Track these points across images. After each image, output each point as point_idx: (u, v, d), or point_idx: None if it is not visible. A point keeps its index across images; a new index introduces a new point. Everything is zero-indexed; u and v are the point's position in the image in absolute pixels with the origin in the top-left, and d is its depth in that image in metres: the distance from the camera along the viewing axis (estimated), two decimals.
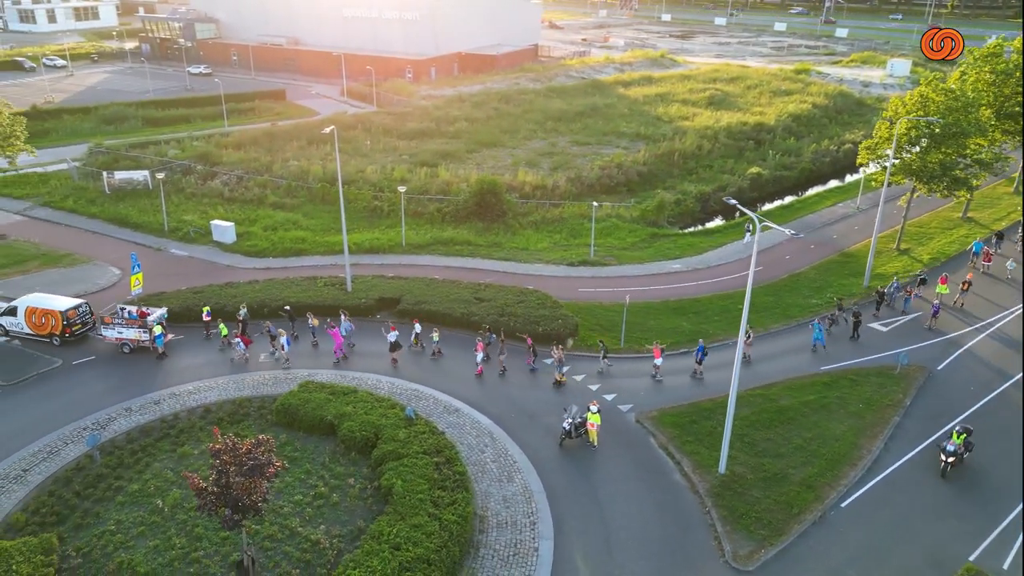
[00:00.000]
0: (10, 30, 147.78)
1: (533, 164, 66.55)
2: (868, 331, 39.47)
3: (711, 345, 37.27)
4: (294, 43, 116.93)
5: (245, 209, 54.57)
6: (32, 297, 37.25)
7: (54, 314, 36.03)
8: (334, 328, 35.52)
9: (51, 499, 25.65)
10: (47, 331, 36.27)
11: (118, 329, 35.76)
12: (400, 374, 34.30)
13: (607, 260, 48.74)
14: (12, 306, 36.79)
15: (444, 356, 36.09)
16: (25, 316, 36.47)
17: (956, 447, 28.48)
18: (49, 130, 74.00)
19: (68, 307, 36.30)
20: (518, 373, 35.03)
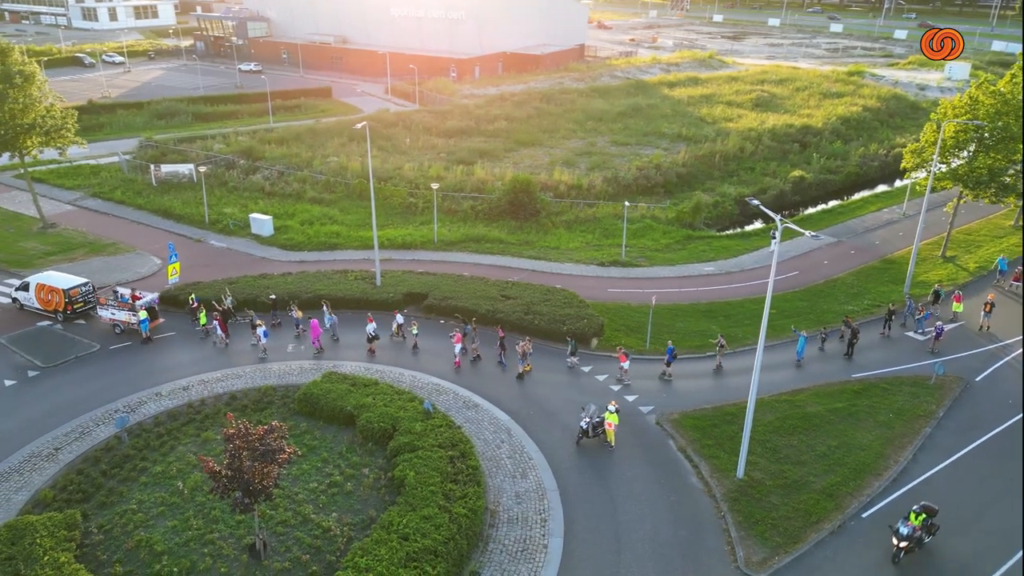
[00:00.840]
0: (73, 27, 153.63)
1: (570, 164, 66.44)
2: (905, 340, 38.38)
3: (739, 349, 36.77)
4: (342, 41, 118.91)
5: (284, 203, 55.75)
6: (43, 275, 39.42)
7: (58, 291, 37.94)
8: (313, 321, 36.07)
9: (79, 477, 26.60)
10: (53, 307, 38.23)
11: (111, 310, 37.25)
12: (424, 368, 34.58)
13: (639, 261, 48.35)
14: (25, 282, 39.16)
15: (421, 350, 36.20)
16: (35, 292, 38.57)
17: (912, 530, 23.92)
18: (103, 124, 76.81)
19: (71, 286, 38.12)
20: (537, 372, 35.03)
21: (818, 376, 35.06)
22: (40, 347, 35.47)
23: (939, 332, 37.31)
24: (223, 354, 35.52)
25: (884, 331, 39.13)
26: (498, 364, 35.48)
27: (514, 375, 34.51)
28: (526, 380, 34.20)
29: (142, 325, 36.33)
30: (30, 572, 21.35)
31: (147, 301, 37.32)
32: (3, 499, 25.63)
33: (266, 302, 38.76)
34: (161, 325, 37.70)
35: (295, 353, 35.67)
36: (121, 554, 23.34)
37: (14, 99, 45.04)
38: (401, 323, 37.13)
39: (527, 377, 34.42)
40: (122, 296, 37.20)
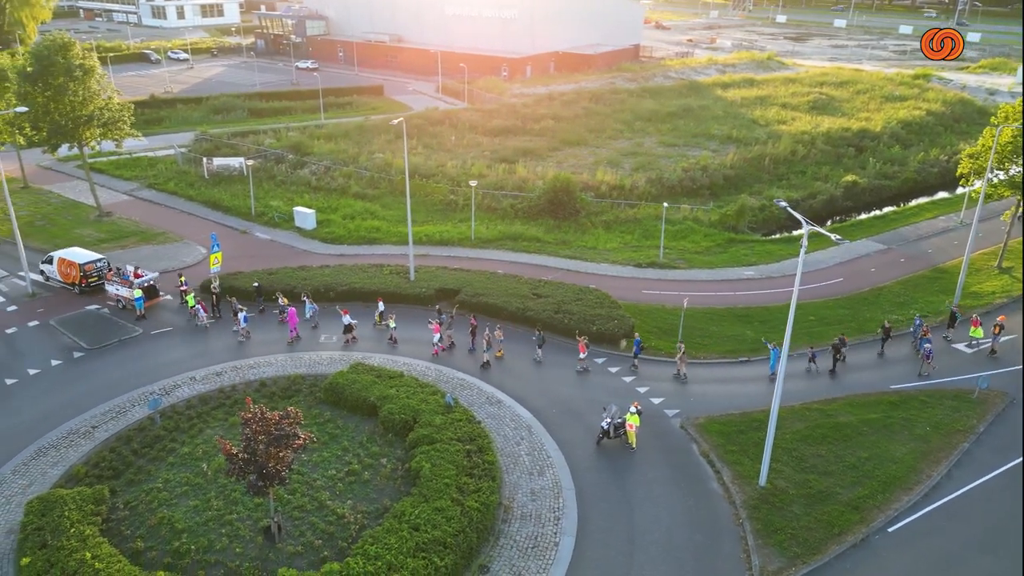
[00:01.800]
0: (143, 25, 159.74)
1: (615, 164, 65.97)
2: (950, 351, 36.89)
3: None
4: (397, 40, 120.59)
5: (329, 198, 56.88)
6: (65, 250, 42.10)
7: (75, 266, 40.50)
8: (291, 308, 37.04)
9: (111, 455, 27.68)
10: (71, 280, 40.86)
11: (116, 286, 39.42)
12: (450, 363, 34.83)
13: (677, 263, 47.69)
14: (50, 256, 41.99)
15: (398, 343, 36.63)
16: (57, 265, 41.24)
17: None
18: (163, 118, 79.69)
19: (87, 261, 40.77)
20: (522, 362, 34.94)
21: (853, 386, 34.02)
22: (86, 330, 37.03)
23: (928, 354, 34.73)
24: (276, 343, 36.38)
25: (880, 353, 36.98)
26: (469, 352, 35.93)
27: (542, 372, 34.47)
28: (551, 379, 34.13)
29: (137, 302, 38.21)
30: (56, 543, 22.30)
31: (144, 280, 39.28)
32: (40, 473, 26.85)
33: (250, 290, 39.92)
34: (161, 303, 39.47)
35: (326, 344, 36.36)
36: (144, 530, 24.20)
37: (74, 92, 47.11)
38: (382, 311, 37.79)
39: (552, 376, 34.34)
40: (124, 274, 39.40)
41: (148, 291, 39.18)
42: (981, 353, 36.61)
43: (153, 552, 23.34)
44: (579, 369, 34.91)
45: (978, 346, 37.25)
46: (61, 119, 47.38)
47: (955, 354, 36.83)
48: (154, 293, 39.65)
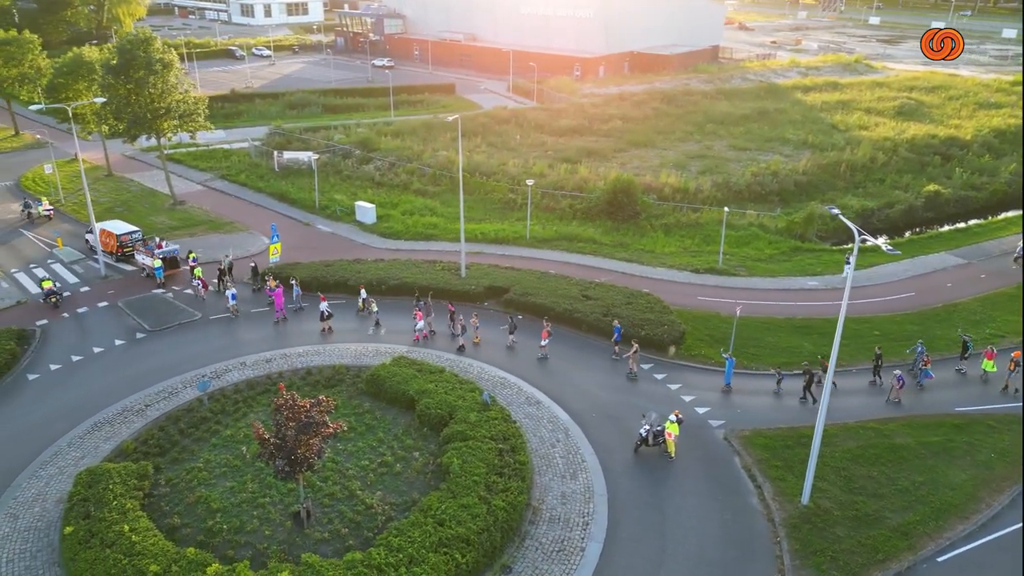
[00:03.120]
0: (232, 23, 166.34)
1: (681, 166, 64.60)
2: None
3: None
4: (471, 39, 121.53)
5: (391, 193, 57.76)
6: (106, 222, 46.03)
7: (112, 236, 44.61)
8: (277, 290, 38.33)
9: (159, 433, 28.80)
10: (109, 249, 44.92)
11: (142, 256, 43.31)
12: (492, 360, 34.75)
13: (737, 270, 46.28)
14: (92, 227, 45.30)
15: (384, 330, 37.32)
16: (99, 235, 44.70)
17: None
18: (242, 112, 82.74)
19: (123, 232, 44.84)
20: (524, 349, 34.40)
21: (913, 406, 32.23)
22: (149, 312, 38.71)
23: (900, 380, 32.28)
24: (306, 332, 37.21)
25: (875, 379, 34.37)
26: (451, 337, 36.48)
27: (580, 376, 34.02)
28: (594, 382, 33.61)
29: (156, 271, 41.67)
30: (98, 514, 23.32)
31: (165, 251, 42.61)
32: (93, 447, 28.17)
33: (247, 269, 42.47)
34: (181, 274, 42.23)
35: (374, 337, 36.84)
36: (182, 507, 25.06)
37: (153, 84, 49.40)
38: (365, 298, 38.57)
39: (595, 380, 33.80)
40: (149, 246, 43.20)
41: (168, 262, 42.48)
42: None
43: (188, 529, 24.14)
44: (540, 356, 35.16)
45: (987, 379, 34.23)
46: (140, 110, 49.75)
47: None
48: (174, 264, 42.93)
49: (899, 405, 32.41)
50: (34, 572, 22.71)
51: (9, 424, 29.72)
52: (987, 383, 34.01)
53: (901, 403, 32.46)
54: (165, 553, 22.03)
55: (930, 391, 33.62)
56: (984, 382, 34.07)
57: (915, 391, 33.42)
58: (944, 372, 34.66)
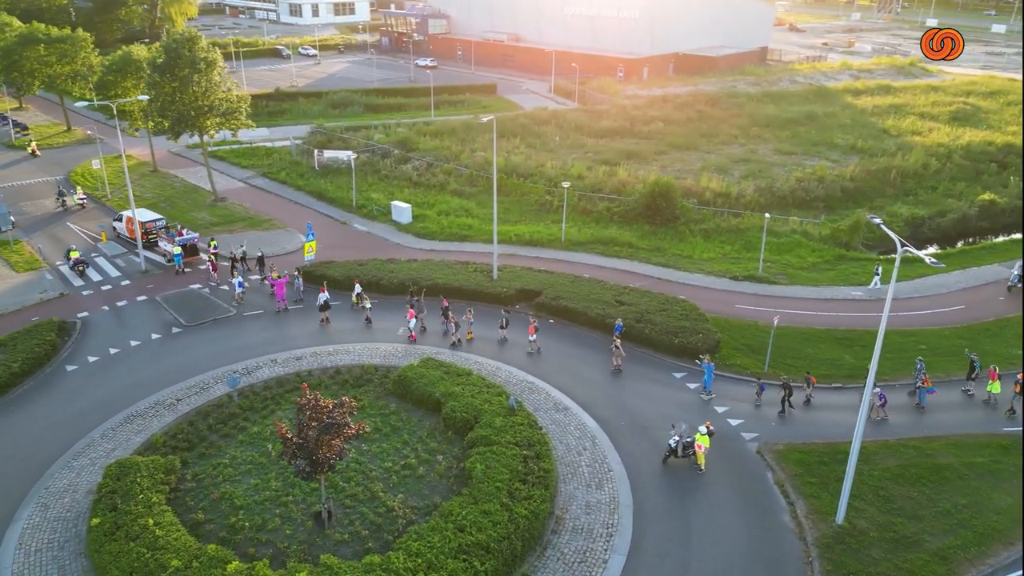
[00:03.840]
0: (280, 22, 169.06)
1: (723, 170, 63.35)
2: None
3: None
4: (515, 39, 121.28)
5: (427, 193, 57.77)
6: (132, 210, 46.46)
7: (138, 223, 45.54)
8: (280, 280, 39.25)
9: (189, 428, 29.10)
10: (134, 236, 46.05)
11: (164, 244, 45.23)
12: (522, 365, 34.35)
13: (777, 278, 45.07)
14: (120, 215, 48.67)
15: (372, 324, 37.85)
16: (125, 223, 47.41)
17: None
18: (285, 110, 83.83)
19: (147, 220, 46.77)
20: (488, 342, 33.80)
21: (959, 424, 30.91)
22: (186, 307, 39.27)
23: (882, 398, 31.07)
24: (357, 332, 37.26)
25: (968, 389, 33.35)
26: (444, 335, 36.57)
27: (614, 382, 33.43)
28: (623, 390, 32.98)
29: (176, 258, 43.54)
30: (124, 506, 23.58)
31: (185, 239, 44.43)
32: (124, 439, 28.57)
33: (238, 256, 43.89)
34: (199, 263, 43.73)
35: (404, 337, 36.73)
36: (206, 503, 25.23)
37: (197, 83, 50.22)
38: (359, 292, 39.03)
39: (624, 387, 33.16)
40: (170, 233, 45.41)
41: (188, 249, 44.38)
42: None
43: (211, 525, 24.29)
44: (530, 351, 35.25)
45: (996, 403, 32.57)
46: (184, 108, 50.65)
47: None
48: (193, 251, 44.86)
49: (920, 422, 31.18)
50: (61, 562, 23.06)
51: (47, 414, 30.35)
52: (994, 407, 32.41)
53: (887, 421, 31.20)
54: (187, 548, 22.16)
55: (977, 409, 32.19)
56: (991, 406, 32.47)
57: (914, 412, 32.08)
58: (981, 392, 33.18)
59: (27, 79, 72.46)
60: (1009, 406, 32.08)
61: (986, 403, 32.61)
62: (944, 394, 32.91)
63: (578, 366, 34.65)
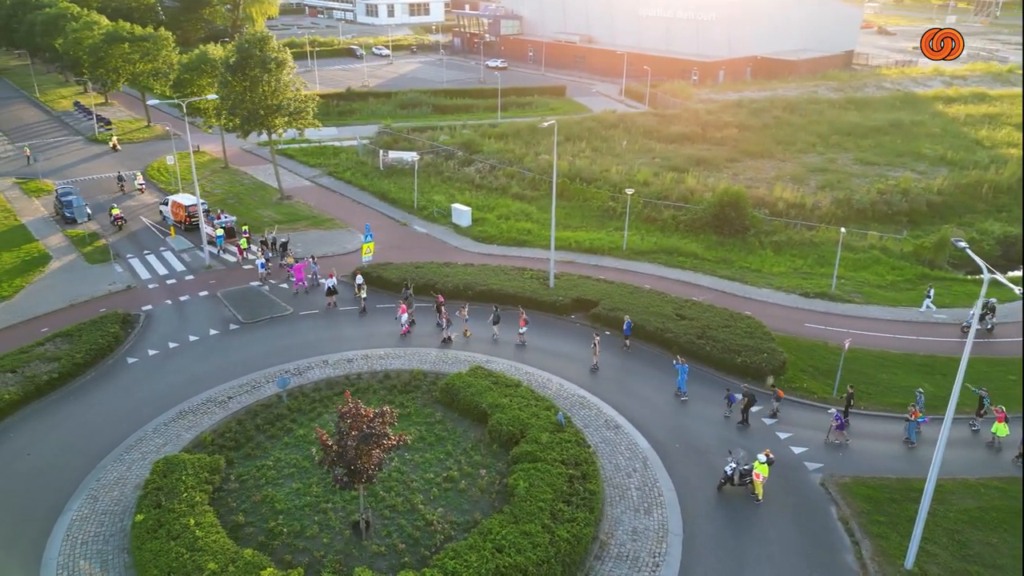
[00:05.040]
0: (357, 22, 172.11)
1: (799, 180, 60.65)
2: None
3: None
4: (587, 41, 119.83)
5: (489, 196, 57.20)
6: (177, 195, 51.76)
7: (182, 207, 49.66)
8: (297, 264, 41.80)
9: (237, 427, 29.15)
10: (179, 219, 50.16)
11: (207, 228, 47.10)
12: (573, 378, 33.28)
13: (852, 296, 42.59)
14: (167, 199, 52.38)
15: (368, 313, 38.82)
16: (171, 207, 51.08)
17: None
18: (355, 110, 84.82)
19: (190, 204, 49.56)
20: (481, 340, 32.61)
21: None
22: (244, 305, 39.72)
23: (839, 422, 29.27)
24: (409, 336, 36.89)
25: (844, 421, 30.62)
26: (436, 327, 37.01)
27: (669, 401, 32.00)
28: (678, 408, 31.55)
29: (218, 239, 46.82)
30: (168, 504, 23.68)
31: (223, 222, 47.76)
32: (175, 435, 28.85)
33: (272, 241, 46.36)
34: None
35: (457, 343, 36.15)
36: (248, 505, 25.12)
37: (267, 82, 51.00)
38: (360, 283, 39.63)
39: (681, 408, 31.70)
40: (211, 216, 48.52)
41: (228, 231, 47.56)
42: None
43: (250, 528, 24.14)
44: (518, 343, 35.56)
45: (999, 447, 29.62)
46: (254, 107, 51.50)
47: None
48: (232, 234, 47.74)
49: (832, 444, 29.37)
50: (104, 557, 23.29)
51: (105, 406, 31.00)
52: (998, 450, 29.63)
53: (845, 446, 29.26)
54: (224, 551, 22.04)
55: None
56: (994, 449, 29.68)
57: (990, 450, 29.63)
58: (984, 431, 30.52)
59: (112, 76, 75.58)
60: (1020, 451, 29.14)
61: (989, 445, 29.94)
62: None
63: (633, 382, 33.37)
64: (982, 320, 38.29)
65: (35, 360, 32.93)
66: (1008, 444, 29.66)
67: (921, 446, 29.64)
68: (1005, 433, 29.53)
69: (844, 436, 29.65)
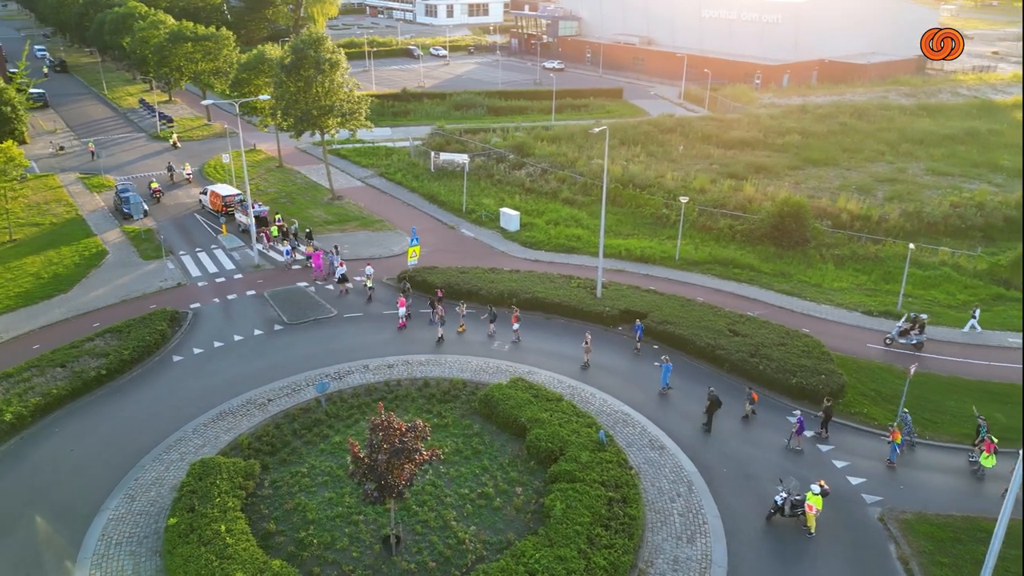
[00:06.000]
0: (416, 22, 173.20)
1: (865, 190, 57.97)
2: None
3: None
4: (647, 43, 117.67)
5: (538, 201, 56.21)
6: (216, 185, 54.90)
7: (219, 196, 52.17)
8: (316, 253, 43.95)
9: (275, 431, 28.91)
10: (216, 208, 52.62)
11: (240, 215, 50.17)
12: (618, 394, 32.09)
13: (919, 316, 40.14)
14: (206, 188, 54.81)
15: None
16: (209, 196, 53.53)
17: None
18: (410, 111, 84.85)
19: (227, 194, 52.13)
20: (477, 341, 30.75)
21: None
22: (290, 305, 39.70)
23: (799, 425, 28.73)
24: (452, 343, 36.33)
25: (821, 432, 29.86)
26: (429, 324, 37.50)
27: (717, 424, 30.55)
28: (726, 430, 30.05)
29: (251, 227, 46.79)
30: (201, 509, 23.48)
31: (257, 211, 48.73)
32: (214, 436, 28.78)
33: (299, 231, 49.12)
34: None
35: (499, 351, 35.34)
36: (279, 512, 24.80)
37: (320, 83, 51.12)
38: (369, 274, 40.88)
39: (731, 429, 30.21)
40: (245, 205, 49.91)
41: (259, 220, 48.55)
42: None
43: (281, 538, 23.77)
44: (513, 340, 35.84)
45: (983, 477, 27.64)
46: (307, 107, 51.70)
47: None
48: (264, 222, 49.43)
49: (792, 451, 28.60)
50: (137, 558, 23.21)
51: (148, 404, 31.19)
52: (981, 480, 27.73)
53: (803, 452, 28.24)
54: (253, 560, 21.72)
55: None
56: (978, 478, 27.77)
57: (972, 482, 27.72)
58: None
59: (175, 74, 77.32)
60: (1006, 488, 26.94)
61: (974, 474, 27.94)
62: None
63: (681, 400, 31.99)
64: (905, 335, 36.55)
65: (84, 355, 33.46)
66: (992, 476, 27.74)
67: (989, 481, 27.58)
68: (991, 464, 27.69)
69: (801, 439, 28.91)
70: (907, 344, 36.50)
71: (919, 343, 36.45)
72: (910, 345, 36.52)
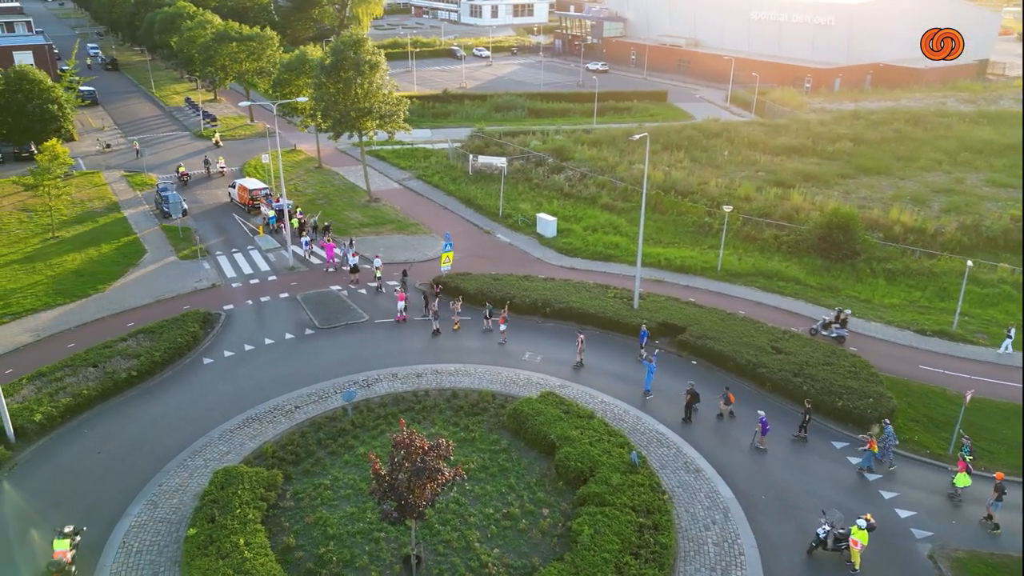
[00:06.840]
0: (461, 23, 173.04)
1: (920, 201, 55.57)
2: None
3: None
4: (693, 44, 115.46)
5: (576, 206, 55.05)
6: (243, 179, 56.31)
7: (246, 190, 53.57)
8: (329, 244, 45.42)
9: (300, 439, 28.41)
10: (243, 201, 54.07)
11: (264, 209, 51.10)
12: (653, 413, 30.89)
13: (976, 337, 38.12)
14: (234, 182, 56.14)
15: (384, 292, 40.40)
16: (237, 190, 54.93)
17: None
18: (450, 112, 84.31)
19: (254, 188, 53.68)
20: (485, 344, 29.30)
21: None
22: (322, 309, 39.34)
23: (763, 424, 28.49)
24: (483, 352, 35.56)
25: (799, 433, 29.59)
26: (423, 317, 37.92)
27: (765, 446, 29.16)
28: (770, 456, 28.63)
29: (271, 219, 49.78)
30: (221, 520, 23.05)
31: (278, 205, 49.33)
32: (239, 443, 28.41)
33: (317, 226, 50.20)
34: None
35: (530, 363, 34.40)
36: (300, 526, 24.24)
37: (359, 84, 50.80)
38: (379, 266, 41.97)
39: (772, 453, 28.78)
40: (268, 198, 51.83)
41: (279, 213, 49.00)
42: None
43: (300, 553, 23.19)
44: (500, 342, 35.75)
45: (960, 499, 26.21)
46: (346, 109, 51.43)
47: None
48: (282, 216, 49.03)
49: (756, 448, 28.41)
50: (156, 568, 22.85)
51: (176, 407, 30.99)
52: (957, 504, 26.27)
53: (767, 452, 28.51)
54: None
55: None
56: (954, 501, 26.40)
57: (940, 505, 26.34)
58: None
59: (220, 73, 78.06)
60: (986, 512, 25.54)
61: (950, 497, 26.39)
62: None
63: (724, 422, 30.63)
64: (827, 327, 36.83)
65: (116, 356, 33.48)
66: (969, 498, 26.32)
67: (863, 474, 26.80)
68: (966, 483, 26.20)
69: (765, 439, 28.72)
70: (828, 337, 36.57)
71: (840, 337, 36.35)
72: (831, 338, 36.48)
